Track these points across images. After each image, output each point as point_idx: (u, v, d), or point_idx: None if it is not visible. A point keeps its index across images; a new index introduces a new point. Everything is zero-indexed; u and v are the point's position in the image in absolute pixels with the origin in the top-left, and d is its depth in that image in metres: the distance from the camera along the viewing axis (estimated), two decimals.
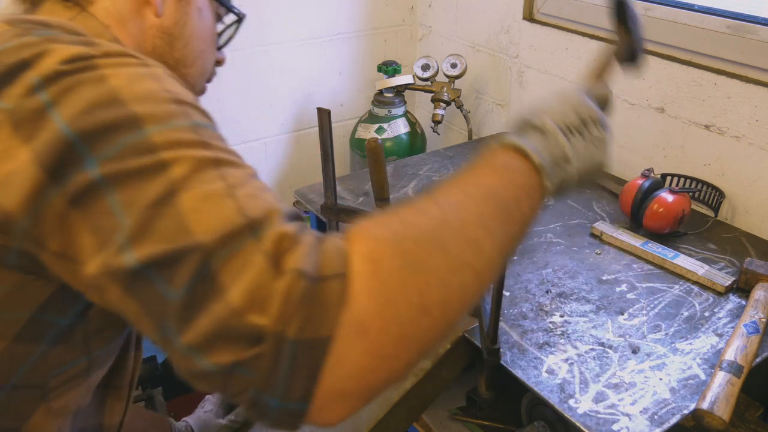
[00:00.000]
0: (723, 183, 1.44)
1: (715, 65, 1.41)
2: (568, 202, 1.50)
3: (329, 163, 1.28)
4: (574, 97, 0.71)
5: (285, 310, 0.46)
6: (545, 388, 0.96)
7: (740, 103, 1.37)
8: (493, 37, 1.96)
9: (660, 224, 1.32)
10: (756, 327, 1.04)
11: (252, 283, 0.47)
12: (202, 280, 0.48)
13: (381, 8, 2.16)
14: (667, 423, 0.91)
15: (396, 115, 2.01)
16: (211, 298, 0.47)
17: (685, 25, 1.46)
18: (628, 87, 1.59)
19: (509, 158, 0.61)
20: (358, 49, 2.17)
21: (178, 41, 0.78)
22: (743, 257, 1.24)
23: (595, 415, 0.92)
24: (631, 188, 1.36)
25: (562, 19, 1.75)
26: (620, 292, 1.18)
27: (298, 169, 2.22)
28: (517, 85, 1.92)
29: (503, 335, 1.06)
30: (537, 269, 1.25)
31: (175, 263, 0.48)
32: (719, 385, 0.92)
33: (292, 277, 0.47)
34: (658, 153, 1.57)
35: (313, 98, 2.14)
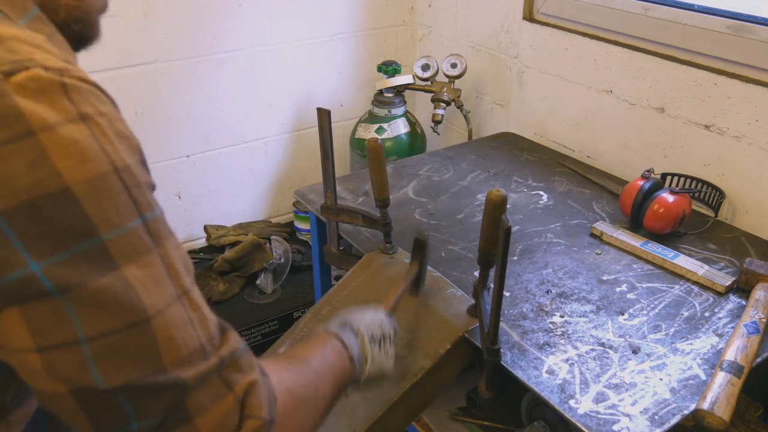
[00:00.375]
0: (723, 183, 1.44)
1: (715, 65, 1.41)
2: (568, 202, 1.50)
3: (329, 163, 1.29)
4: (382, 316, 0.90)
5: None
6: (545, 389, 0.96)
7: (740, 103, 1.37)
8: (493, 37, 1.96)
9: (661, 225, 1.32)
10: (756, 327, 1.04)
11: (221, 422, 0.55)
12: (174, 413, 0.53)
13: (381, 8, 2.16)
14: (668, 423, 0.91)
15: (396, 115, 2.01)
16: (180, 429, 0.53)
17: (685, 25, 1.46)
18: (628, 87, 1.59)
19: (340, 347, 0.80)
20: (358, 49, 2.17)
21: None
22: (743, 257, 1.24)
23: (596, 415, 0.92)
24: (632, 189, 1.36)
25: (562, 19, 1.75)
26: (620, 292, 1.18)
27: (298, 169, 2.22)
28: (517, 85, 1.92)
29: (503, 335, 1.06)
30: (537, 269, 1.25)
31: (149, 393, 0.51)
32: (720, 386, 0.92)
33: (255, 423, 0.56)
34: (658, 153, 1.57)
35: (313, 98, 2.14)
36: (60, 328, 0.49)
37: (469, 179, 1.62)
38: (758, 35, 1.33)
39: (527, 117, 1.92)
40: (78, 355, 0.49)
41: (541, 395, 0.95)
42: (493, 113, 2.04)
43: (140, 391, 0.51)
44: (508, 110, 1.98)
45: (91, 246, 0.49)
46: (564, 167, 1.68)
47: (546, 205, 1.50)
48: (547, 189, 1.57)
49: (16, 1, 0.58)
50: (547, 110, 1.84)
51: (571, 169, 1.67)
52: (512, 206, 1.48)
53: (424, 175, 1.64)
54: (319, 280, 1.63)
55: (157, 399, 0.52)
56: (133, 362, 0.50)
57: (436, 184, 1.60)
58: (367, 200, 1.50)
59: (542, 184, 1.59)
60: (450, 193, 1.56)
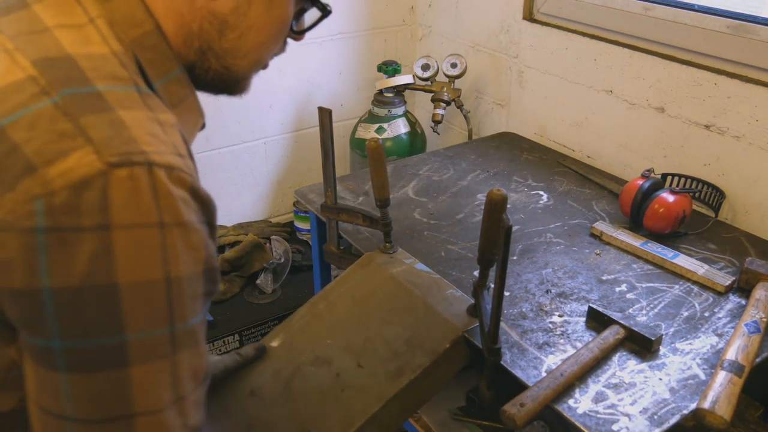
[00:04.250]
0: (723, 183, 1.44)
1: (715, 65, 1.41)
2: (567, 202, 1.50)
3: (330, 162, 1.29)
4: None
5: None
6: None
7: (740, 103, 1.37)
8: (493, 37, 1.96)
9: (661, 224, 1.32)
10: (757, 326, 1.04)
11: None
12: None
13: (381, 8, 2.16)
14: (667, 423, 0.91)
15: (396, 114, 2.01)
16: None
17: (685, 25, 1.46)
18: (628, 87, 1.59)
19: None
20: (358, 49, 2.17)
21: (231, 31, 0.67)
22: (743, 257, 1.24)
23: (595, 415, 0.92)
24: (632, 188, 1.36)
25: (562, 19, 1.75)
26: (620, 292, 1.18)
27: (298, 169, 2.22)
28: (517, 85, 1.92)
29: (503, 335, 1.06)
30: (537, 269, 1.25)
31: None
32: (720, 385, 0.92)
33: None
34: (658, 153, 1.57)
35: (313, 98, 2.14)
36: (55, 400, 0.52)
37: (469, 179, 1.62)
38: (758, 35, 1.33)
39: (527, 117, 1.92)
40: (62, 428, 0.53)
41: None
42: (493, 113, 2.04)
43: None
44: (508, 110, 1.98)
45: (113, 341, 0.52)
46: (564, 167, 1.68)
47: (546, 204, 1.50)
48: (547, 189, 1.57)
49: (162, 62, 0.62)
50: (547, 110, 1.84)
51: (571, 169, 1.67)
52: (512, 206, 1.48)
53: (424, 174, 1.64)
54: (319, 280, 1.63)
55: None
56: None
57: (436, 183, 1.60)
58: (367, 200, 1.50)
59: (542, 184, 1.59)
60: (450, 192, 1.56)
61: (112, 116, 0.53)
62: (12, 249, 0.50)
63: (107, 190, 0.50)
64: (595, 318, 1.09)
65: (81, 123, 0.52)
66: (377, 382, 1.03)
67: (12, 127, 0.51)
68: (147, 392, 0.54)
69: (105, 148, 0.51)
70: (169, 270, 0.53)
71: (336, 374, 1.06)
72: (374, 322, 1.11)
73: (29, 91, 0.53)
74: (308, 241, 2.10)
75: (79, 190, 0.49)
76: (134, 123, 0.54)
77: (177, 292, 0.54)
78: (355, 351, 1.08)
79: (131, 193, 0.51)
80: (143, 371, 0.53)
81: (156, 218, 0.52)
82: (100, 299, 0.51)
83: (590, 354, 0.99)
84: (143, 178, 0.51)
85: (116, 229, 0.50)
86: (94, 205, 0.50)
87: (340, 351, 1.09)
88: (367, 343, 1.09)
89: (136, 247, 0.51)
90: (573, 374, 0.96)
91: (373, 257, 1.25)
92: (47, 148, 0.50)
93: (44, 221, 0.49)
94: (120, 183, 0.50)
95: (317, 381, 1.07)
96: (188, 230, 0.54)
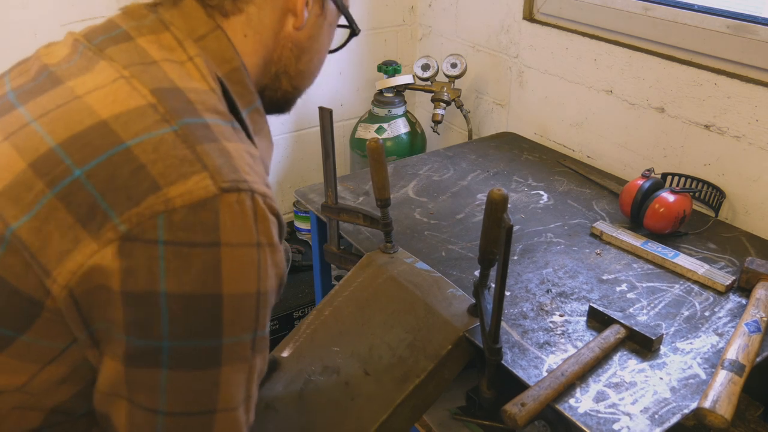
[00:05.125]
0: (723, 183, 1.44)
1: (715, 65, 1.41)
2: (568, 202, 1.50)
3: (330, 162, 1.29)
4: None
5: None
6: None
7: (740, 103, 1.37)
8: (493, 37, 1.96)
9: (661, 224, 1.32)
10: (757, 326, 1.04)
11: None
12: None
13: (381, 8, 2.16)
14: (668, 422, 0.91)
15: (396, 115, 2.01)
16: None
17: (685, 25, 1.46)
18: (628, 87, 1.59)
19: None
20: (358, 49, 2.17)
21: (305, 55, 0.78)
22: (743, 257, 1.24)
23: (596, 414, 0.92)
24: (632, 188, 1.36)
25: (562, 19, 1.75)
26: (620, 291, 1.18)
27: (298, 169, 2.22)
28: (517, 85, 1.92)
29: (503, 335, 1.06)
30: (537, 269, 1.25)
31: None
32: (721, 384, 0.92)
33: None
34: (658, 153, 1.57)
35: (313, 98, 2.13)
36: (150, 395, 0.59)
37: (469, 179, 1.62)
38: (758, 35, 1.33)
39: (527, 117, 1.92)
40: (152, 422, 0.59)
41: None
42: (493, 113, 2.04)
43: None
44: (508, 110, 1.98)
45: (212, 344, 0.58)
46: (564, 167, 1.69)
47: (546, 204, 1.50)
48: (547, 189, 1.57)
49: (246, 94, 0.70)
50: (547, 110, 1.84)
51: (571, 169, 1.67)
52: (512, 206, 1.48)
53: (424, 174, 1.65)
54: (319, 280, 1.63)
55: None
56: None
57: (436, 183, 1.60)
58: (367, 200, 1.51)
59: (542, 184, 1.59)
60: (450, 192, 1.56)
61: (220, 146, 0.60)
62: (137, 257, 0.55)
63: (219, 212, 0.57)
64: (595, 317, 1.09)
65: (197, 150, 0.59)
66: (384, 389, 1.03)
67: (138, 148, 0.58)
68: (228, 391, 0.61)
69: (218, 175, 0.58)
70: (260, 284, 0.60)
71: (345, 383, 1.07)
72: (377, 327, 1.12)
73: (152, 117, 0.60)
74: (308, 241, 2.10)
75: (196, 210, 0.56)
76: (236, 154, 0.61)
77: (263, 304, 0.61)
78: (361, 358, 1.09)
79: (238, 216, 0.58)
80: (229, 371, 0.60)
81: (255, 239, 0.59)
82: (206, 306, 0.57)
83: (591, 353, 0.99)
84: (247, 203, 0.59)
85: (225, 246, 0.57)
86: (208, 224, 0.56)
87: (347, 359, 1.10)
88: (372, 350, 1.09)
89: (239, 263, 0.58)
90: (574, 374, 0.96)
91: (373, 257, 1.25)
92: (170, 170, 0.57)
93: (165, 235, 0.55)
94: (229, 206, 0.57)
95: (328, 391, 1.08)
96: (275, 250, 0.62)
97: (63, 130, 0.60)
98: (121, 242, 0.55)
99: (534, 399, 0.91)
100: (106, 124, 0.59)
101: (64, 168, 0.58)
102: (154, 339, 0.57)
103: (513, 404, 0.90)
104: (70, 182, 0.57)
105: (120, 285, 0.56)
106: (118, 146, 0.58)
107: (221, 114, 0.65)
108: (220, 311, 0.58)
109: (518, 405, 0.90)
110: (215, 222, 0.56)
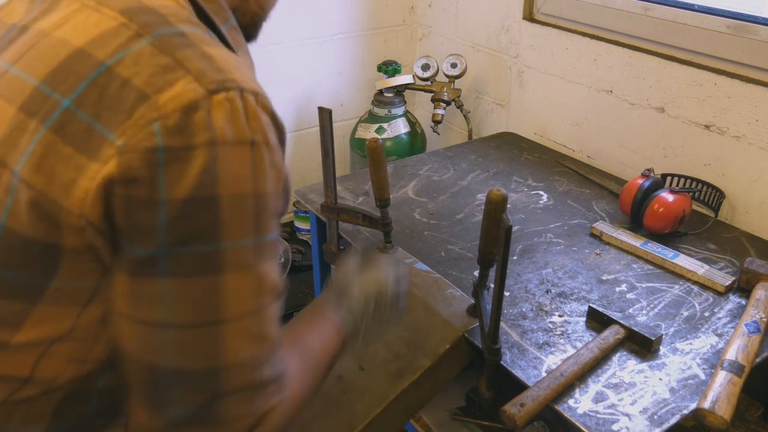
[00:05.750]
0: (723, 183, 1.44)
1: (715, 65, 1.41)
2: (567, 202, 1.50)
3: (330, 162, 1.28)
4: (380, 272, 0.94)
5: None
6: None
7: (740, 103, 1.37)
8: (493, 37, 1.96)
9: (660, 224, 1.32)
10: (757, 326, 1.04)
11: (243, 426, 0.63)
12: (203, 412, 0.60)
13: (381, 8, 2.16)
14: (667, 423, 0.91)
15: (396, 115, 2.01)
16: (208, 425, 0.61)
17: (685, 25, 1.46)
18: (628, 87, 1.59)
19: (335, 328, 0.87)
20: (358, 49, 2.17)
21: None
22: (743, 257, 1.24)
23: (595, 415, 0.91)
24: (632, 188, 1.36)
25: (562, 19, 1.75)
26: (620, 292, 1.18)
27: (298, 169, 2.22)
28: (517, 85, 1.92)
29: (503, 335, 1.06)
30: (537, 269, 1.25)
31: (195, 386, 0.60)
32: (720, 385, 0.92)
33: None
34: (658, 153, 1.57)
35: (313, 98, 2.14)
36: (152, 308, 0.58)
37: (469, 179, 1.62)
38: (758, 35, 1.33)
39: (527, 117, 1.92)
40: (154, 336, 0.59)
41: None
42: (493, 113, 2.04)
43: (188, 382, 0.60)
44: (508, 110, 1.98)
45: (210, 249, 0.58)
46: (564, 167, 1.68)
47: (546, 204, 1.50)
48: (547, 189, 1.57)
49: (222, 11, 0.70)
50: (547, 110, 1.84)
51: (571, 169, 1.67)
52: (512, 206, 1.48)
53: (424, 174, 1.64)
54: (319, 280, 1.63)
55: (198, 393, 0.60)
56: (194, 355, 0.59)
57: (436, 183, 1.60)
58: (367, 200, 1.50)
59: (542, 184, 1.59)
60: (450, 192, 1.56)
61: (201, 51, 0.60)
62: (137, 168, 0.55)
63: (210, 112, 0.56)
64: (595, 318, 1.09)
65: (177, 57, 0.58)
66: (379, 384, 1.03)
67: (119, 66, 0.58)
68: (235, 299, 0.59)
69: (203, 78, 0.58)
70: (257, 185, 0.59)
71: (338, 377, 1.06)
72: (375, 325, 1.11)
73: (125, 34, 0.60)
74: (308, 241, 2.10)
75: (188, 112, 0.56)
76: (219, 57, 0.61)
77: (262, 206, 0.60)
78: (356, 353, 1.08)
79: (229, 114, 0.57)
80: (233, 279, 0.59)
81: (248, 136, 0.59)
82: (203, 210, 0.57)
83: (590, 354, 0.99)
84: (237, 101, 0.58)
85: (220, 145, 0.57)
86: (202, 124, 0.56)
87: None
88: (368, 346, 1.09)
89: (234, 162, 0.57)
90: (573, 374, 0.96)
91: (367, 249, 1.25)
92: (154, 79, 0.57)
93: (161, 141, 0.55)
94: (220, 106, 0.57)
95: None
96: (272, 150, 0.61)
97: (42, 67, 0.61)
98: (120, 156, 0.55)
99: (533, 399, 0.91)
100: (82, 51, 0.60)
101: (52, 102, 0.58)
102: (152, 248, 0.57)
103: (512, 405, 0.90)
104: (61, 114, 0.58)
105: (124, 197, 0.56)
106: (98, 68, 0.58)
107: (196, 24, 0.64)
108: (218, 213, 0.57)
109: (517, 405, 0.90)
110: (208, 122, 0.56)
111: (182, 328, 0.59)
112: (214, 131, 0.57)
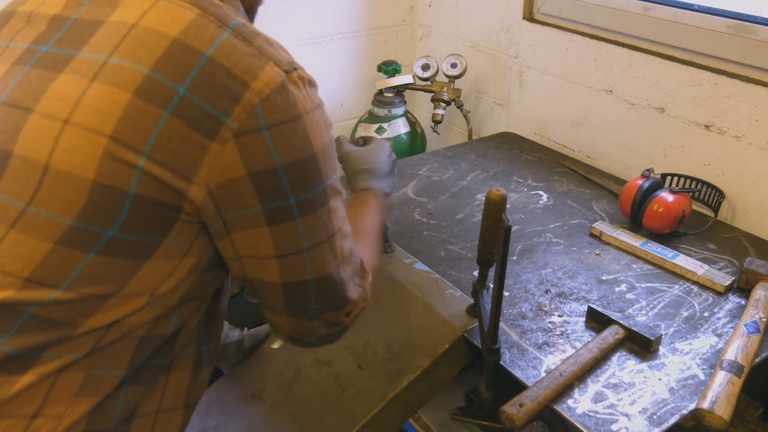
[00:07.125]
0: (723, 183, 1.44)
1: (715, 65, 1.41)
2: (567, 202, 1.50)
3: None
4: (380, 144, 1.17)
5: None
6: None
7: (740, 103, 1.37)
8: (493, 37, 1.96)
9: (660, 224, 1.32)
10: (756, 326, 1.04)
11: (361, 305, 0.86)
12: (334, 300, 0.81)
13: (381, 8, 2.16)
14: (666, 423, 0.90)
15: (396, 114, 2.01)
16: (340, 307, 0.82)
17: (685, 25, 1.46)
18: (628, 87, 1.59)
19: (378, 199, 1.08)
20: (358, 49, 2.17)
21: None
22: (743, 257, 1.24)
23: (594, 415, 0.91)
24: (631, 188, 1.36)
25: (562, 19, 1.75)
26: (620, 292, 1.18)
27: None
28: (517, 85, 1.91)
29: (502, 335, 1.06)
30: (536, 269, 1.25)
31: (328, 284, 0.79)
32: (720, 385, 0.92)
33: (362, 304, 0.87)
34: (658, 153, 1.57)
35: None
36: (294, 242, 0.74)
37: (468, 179, 1.62)
38: (758, 35, 1.33)
39: (527, 117, 1.92)
40: (300, 260, 0.75)
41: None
42: (493, 113, 2.04)
43: (324, 282, 0.78)
44: (508, 110, 1.98)
45: (320, 189, 0.74)
46: (564, 167, 1.68)
47: (546, 204, 1.50)
48: (546, 189, 1.57)
49: (235, 1, 0.78)
50: (547, 110, 1.84)
51: (571, 169, 1.67)
52: (512, 206, 1.48)
53: (424, 174, 1.64)
54: None
55: (330, 288, 0.79)
56: (326, 262, 0.77)
57: (436, 183, 1.60)
58: None
59: (542, 184, 1.59)
60: (450, 192, 1.56)
61: (264, 38, 0.71)
62: (251, 145, 0.68)
63: (291, 91, 0.69)
64: (594, 318, 1.09)
65: (255, 44, 0.69)
66: (377, 383, 1.03)
67: (218, 55, 0.67)
68: (337, 217, 0.78)
69: (278, 62, 0.69)
70: (329, 135, 0.76)
71: (336, 375, 1.06)
72: (374, 324, 1.11)
73: (210, 26, 0.68)
74: None
75: (279, 93, 0.68)
76: (273, 41, 0.73)
77: (331, 152, 0.76)
78: (355, 352, 1.08)
79: (301, 89, 0.71)
80: (334, 201, 0.77)
81: (316, 102, 0.73)
82: (309, 164, 0.72)
83: (589, 354, 0.99)
84: (301, 77, 0.71)
85: (304, 116, 0.70)
86: (289, 102, 0.69)
87: (340, 352, 1.09)
88: (367, 345, 1.09)
89: (316, 125, 0.72)
90: (572, 374, 0.96)
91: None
92: (249, 67, 0.67)
93: (266, 121, 0.67)
94: (295, 83, 0.70)
95: (318, 383, 1.07)
96: (323, 110, 0.75)
97: (148, 57, 0.66)
98: (237, 138, 0.66)
99: (532, 399, 0.91)
100: (180, 42, 0.67)
101: (168, 89, 0.65)
102: (283, 199, 0.71)
103: (511, 405, 0.90)
104: (179, 100, 0.65)
105: (246, 170, 0.68)
106: (202, 58, 0.66)
107: (241, 15, 0.75)
108: (318, 163, 0.73)
109: (516, 405, 0.90)
110: (293, 99, 0.69)
111: (316, 247, 0.75)
112: (298, 105, 0.70)
